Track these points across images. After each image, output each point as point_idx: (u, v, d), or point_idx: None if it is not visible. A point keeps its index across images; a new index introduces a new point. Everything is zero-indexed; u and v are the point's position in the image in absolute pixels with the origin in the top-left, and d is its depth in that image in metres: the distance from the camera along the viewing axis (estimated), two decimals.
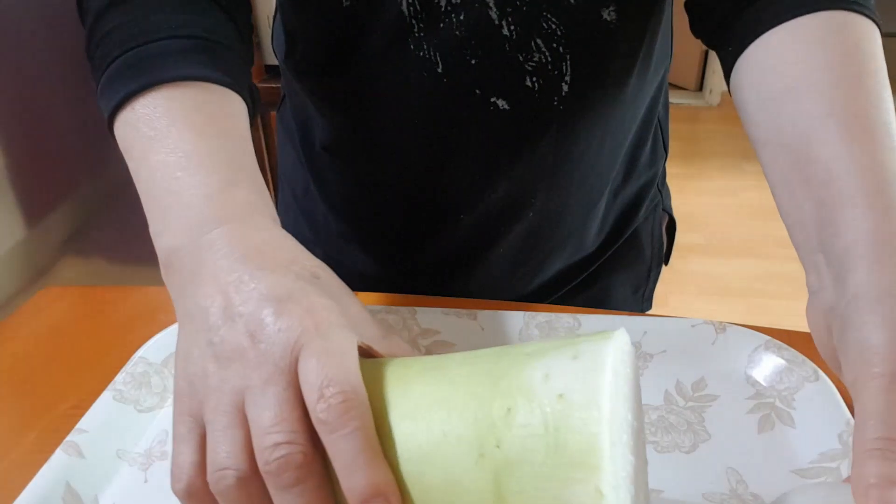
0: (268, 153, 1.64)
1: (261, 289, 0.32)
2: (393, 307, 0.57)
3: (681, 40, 0.65)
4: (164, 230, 0.36)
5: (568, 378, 0.28)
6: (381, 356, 0.35)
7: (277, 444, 0.29)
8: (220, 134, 0.39)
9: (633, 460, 0.28)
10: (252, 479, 0.30)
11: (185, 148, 0.37)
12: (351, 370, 0.30)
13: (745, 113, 0.45)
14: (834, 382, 0.48)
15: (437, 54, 0.50)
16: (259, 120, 1.59)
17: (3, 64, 0.83)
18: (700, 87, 3.81)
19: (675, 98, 3.68)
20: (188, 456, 0.31)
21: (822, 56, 0.40)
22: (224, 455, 0.30)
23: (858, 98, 0.39)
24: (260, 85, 1.53)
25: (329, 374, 0.29)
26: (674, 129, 0.73)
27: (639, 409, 0.32)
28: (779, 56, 0.42)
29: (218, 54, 0.42)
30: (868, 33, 0.42)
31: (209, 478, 0.30)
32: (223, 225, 0.35)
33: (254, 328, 0.31)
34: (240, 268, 0.33)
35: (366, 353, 0.35)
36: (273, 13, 0.63)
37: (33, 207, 0.89)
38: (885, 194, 0.35)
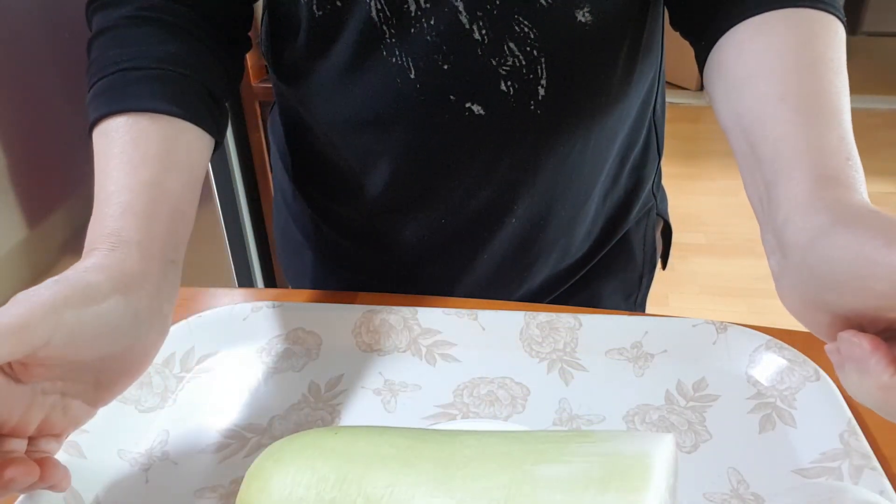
0: (269, 153, 1.64)
1: None
2: (394, 307, 0.57)
3: (680, 40, 0.65)
4: None
5: None
6: None
7: None
8: (141, 168, 0.42)
9: None
10: None
11: (105, 187, 0.41)
12: None
13: (714, 102, 0.46)
14: (835, 382, 0.48)
15: (410, 60, 0.50)
16: (259, 120, 1.58)
17: (3, 64, 0.83)
18: (700, 86, 3.81)
19: (675, 98, 3.67)
20: None
21: (781, 46, 0.42)
22: None
23: (811, 83, 0.40)
24: (260, 85, 1.53)
25: None
26: (674, 128, 0.73)
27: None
28: (742, 47, 0.44)
29: (170, 84, 0.45)
30: (828, 27, 0.43)
31: None
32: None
33: None
34: None
35: None
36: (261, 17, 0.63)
37: (33, 207, 0.89)
38: (823, 167, 0.36)
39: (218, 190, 1.38)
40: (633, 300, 0.75)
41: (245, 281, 1.70)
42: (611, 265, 0.71)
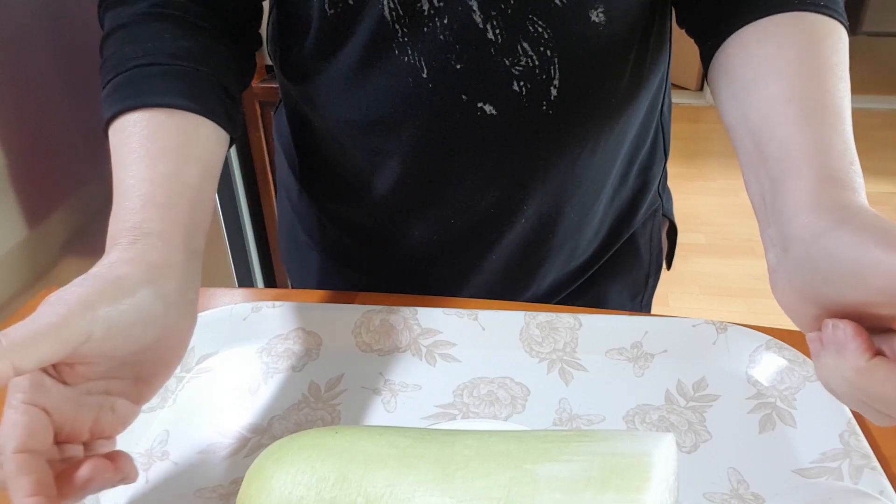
0: (269, 153, 1.64)
1: None
2: (394, 307, 0.57)
3: (681, 40, 0.65)
4: None
5: None
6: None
7: None
8: (160, 161, 0.42)
9: None
10: None
11: (124, 181, 0.41)
12: None
13: (719, 101, 0.47)
14: None
15: (422, 59, 0.50)
16: (259, 120, 1.58)
17: (3, 64, 0.83)
18: (701, 86, 3.81)
19: (675, 98, 3.67)
20: None
21: (787, 49, 0.43)
22: None
23: (817, 87, 0.41)
24: (260, 85, 1.53)
25: None
26: (674, 128, 0.73)
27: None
28: (750, 49, 0.45)
29: (185, 80, 0.46)
30: (833, 32, 0.44)
31: None
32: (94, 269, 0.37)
33: None
34: None
35: None
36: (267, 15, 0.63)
37: (34, 208, 0.89)
38: (829, 168, 0.37)
39: (218, 190, 1.38)
40: (639, 300, 0.75)
41: (245, 281, 1.70)
42: (617, 266, 0.71)
